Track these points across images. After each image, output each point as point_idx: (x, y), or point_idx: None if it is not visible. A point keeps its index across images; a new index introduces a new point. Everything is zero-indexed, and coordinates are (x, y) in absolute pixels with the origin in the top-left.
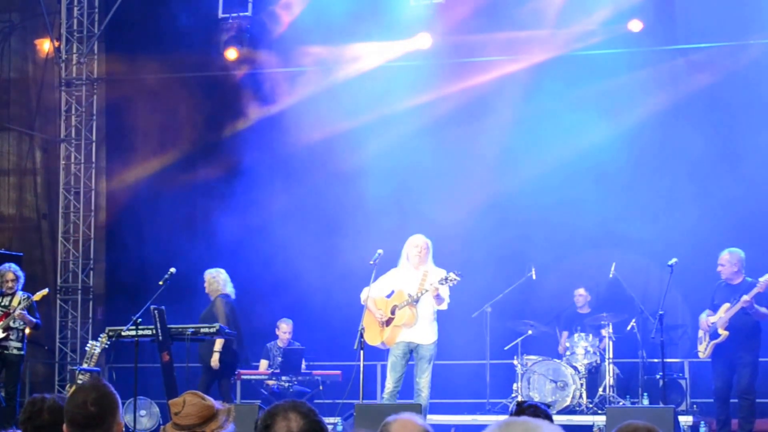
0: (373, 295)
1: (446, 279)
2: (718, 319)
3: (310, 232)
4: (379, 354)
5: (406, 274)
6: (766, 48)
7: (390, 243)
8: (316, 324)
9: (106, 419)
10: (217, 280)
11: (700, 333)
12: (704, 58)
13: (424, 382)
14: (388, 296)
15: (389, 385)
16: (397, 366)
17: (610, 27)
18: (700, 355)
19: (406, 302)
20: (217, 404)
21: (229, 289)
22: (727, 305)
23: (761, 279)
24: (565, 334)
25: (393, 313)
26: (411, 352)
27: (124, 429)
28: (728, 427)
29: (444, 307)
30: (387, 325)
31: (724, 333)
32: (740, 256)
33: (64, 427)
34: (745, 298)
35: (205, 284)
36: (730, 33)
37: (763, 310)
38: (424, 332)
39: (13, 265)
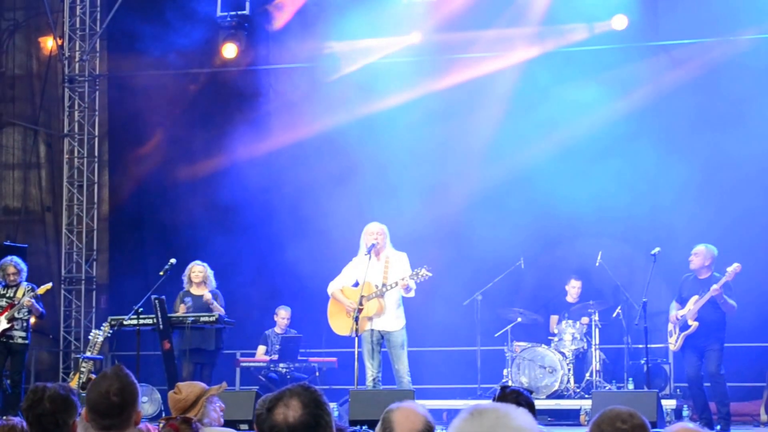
0: (338, 285)
1: (417, 274)
2: (687, 311)
3: (308, 224)
4: None
5: (368, 264)
6: (749, 44)
7: None
8: (312, 312)
9: (127, 409)
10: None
11: (670, 326)
12: (687, 54)
13: (403, 368)
14: (355, 285)
15: (371, 372)
16: (373, 353)
17: (595, 24)
18: (671, 347)
19: (374, 294)
20: (201, 391)
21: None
22: (695, 297)
23: (729, 269)
24: (555, 318)
25: (361, 303)
26: (382, 338)
27: (141, 414)
28: (708, 411)
29: (411, 295)
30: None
31: (694, 324)
32: (714, 253)
33: (84, 413)
34: (715, 287)
35: (202, 275)
36: (713, 29)
37: (730, 302)
38: (391, 320)
39: (14, 258)
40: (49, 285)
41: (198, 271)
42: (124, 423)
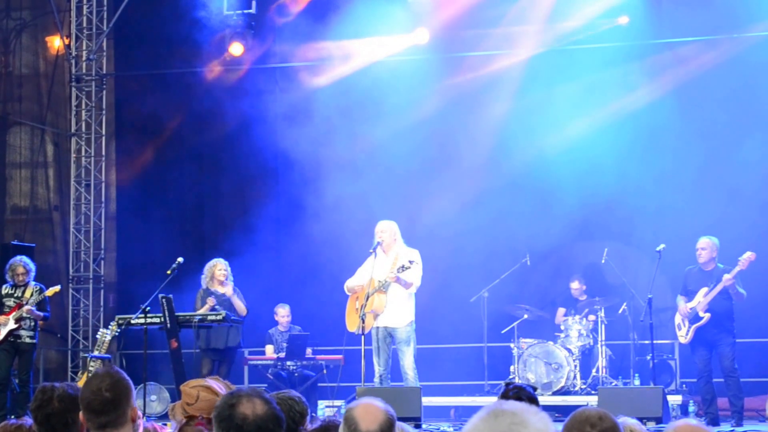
0: (353, 284)
1: (403, 267)
2: (697, 303)
3: (314, 222)
4: None
5: (379, 260)
6: (754, 41)
7: None
8: (320, 309)
9: (121, 404)
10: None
11: (677, 320)
12: (691, 51)
13: (408, 364)
14: None
15: (378, 369)
16: (379, 350)
17: (599, 22)
18: (681, 340)
19: (376, 289)
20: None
21: None
22: (704, 289)
23: (742, 257)
24: (562, 310)
25: (367, 300)
26: (390, 335)
27: (138, 412)
28: (714, 405)
29: (412, 290)
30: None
31: (706, 316)
32: (717, 244)
33: (81, 414)
34: (728, 276)
35: (227, 272)
36: (717, 26)
37: (741, 290)
38: (396, 316)
39: (24, 258)
40: (57, 288)
41: (222, 268)
42: (120, 419)
